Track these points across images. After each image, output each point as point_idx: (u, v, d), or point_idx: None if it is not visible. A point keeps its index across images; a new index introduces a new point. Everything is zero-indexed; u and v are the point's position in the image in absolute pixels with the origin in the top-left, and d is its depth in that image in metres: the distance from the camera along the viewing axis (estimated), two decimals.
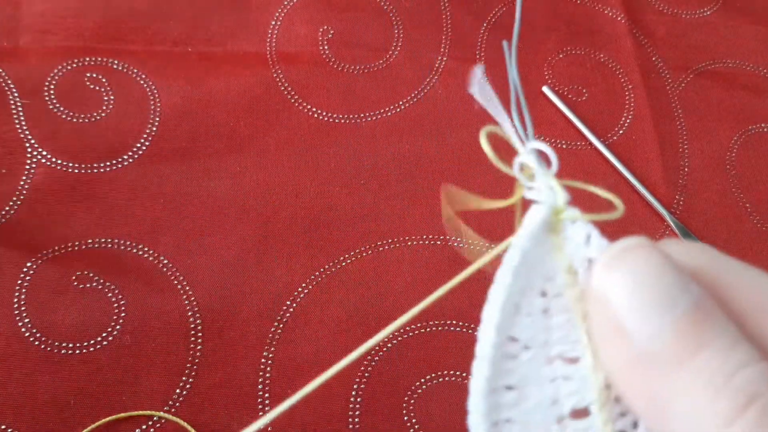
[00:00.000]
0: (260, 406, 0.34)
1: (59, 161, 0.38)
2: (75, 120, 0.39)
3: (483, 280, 0.21)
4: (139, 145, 0.39)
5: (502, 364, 0.19)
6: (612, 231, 0.36)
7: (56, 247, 0.36)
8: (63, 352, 0.34)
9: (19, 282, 0.35)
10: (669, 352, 0.17)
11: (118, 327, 0.35)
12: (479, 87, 0.22)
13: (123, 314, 0.35)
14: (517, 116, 0.22)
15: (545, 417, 0.19)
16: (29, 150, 0.38)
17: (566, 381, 0.20)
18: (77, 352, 0.34)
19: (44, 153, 0.38)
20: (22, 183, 0.37)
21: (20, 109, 0.39)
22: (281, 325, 0.36)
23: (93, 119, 0.39)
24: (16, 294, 0.35)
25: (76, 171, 0.38)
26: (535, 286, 0.21)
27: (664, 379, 0.17)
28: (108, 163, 0.39)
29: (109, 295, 0.35)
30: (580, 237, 0.21)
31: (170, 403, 0.34)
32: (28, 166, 0.38)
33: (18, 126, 0.38)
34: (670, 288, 0.18)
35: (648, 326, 0.18)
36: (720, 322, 0.18)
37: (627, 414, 0.19)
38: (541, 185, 0.21)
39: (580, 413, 0.20)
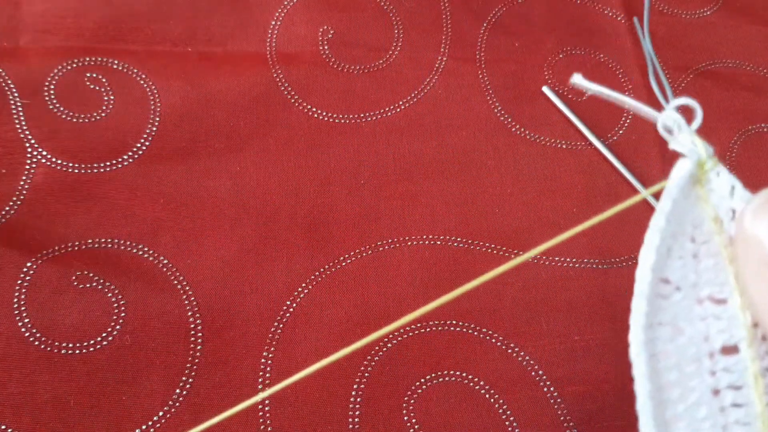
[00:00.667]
0: (260, 406, 0.34)
1: (59, 161, 0.38)
2: (75, 120, 0.39)
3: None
4: (139, 145, 0.39)
5: (656, 302, 0.21)
6: (615, 232, 0.36)
7: (56, 247, 0.36)
8: (63, 352, 0.34)
9: (19, 282, 0.35)
10: None
11: (118, 327, 0.35)
12: (589, 86, 0.25)
13: (123, 314, 0.35)
14: (655, 82, 0.23)
15: (698, 351, 0.21)
16: (29, 150, 0.38)
17: (716, 320, 0.21)
18: (77, 352, 0.34)
19: (44, 153, 0.38)
20: (22, 183, 0.37)
21: (20, 109, 0.39)
22: (281, 325, 0.36)
23: (93, 119, 0.39)
24: (16, 294, 0.35)
25: (76, 171, 0.38)
26: (686, 232, 0.22)
27: None
28: (108, 163, 0.39)
29: (109, 295, 0.35)
30: (724, 189, 0.23)
31: (170, 403, 0.34)
32: (28, 166, 0.38)
33: (18, 126, 0.38)
34: None
35: None
36: None
37: None
38: (685, 140, 0.23)
39: (730, 350, 0.21)
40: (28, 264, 0.35)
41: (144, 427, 0.33)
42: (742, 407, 0.21)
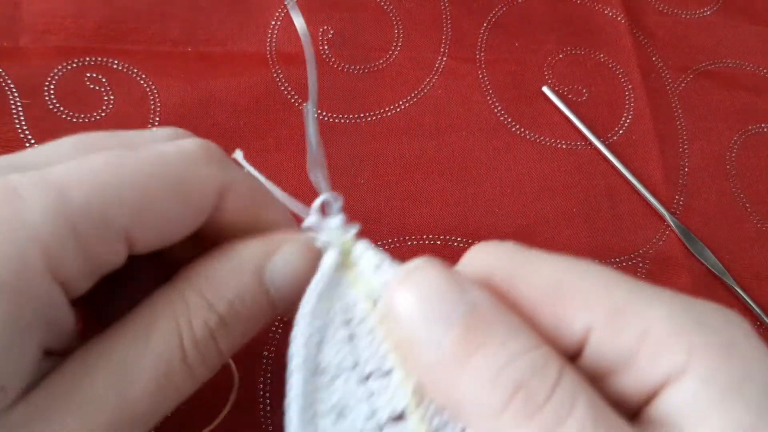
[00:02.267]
0: (261, 405, 0.34)
1: None
2: (75, 120, 0.39)
3: None
4: None
5: (315, 395, 0.22)
6: (614, 231, 0.36)
7: None
8: None
9: None
10: (451, 357, 0.19)
11: None
12: (248, 167, 0.26)
13: None
14: (314, 173, 0.25)
15: (364, 429, 0.22)
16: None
17: (383, 392, 0.22)
18: None
19: None
20: None
21: (20, 109, 0.39)
22: (281, 324, 0.36)
23: (93, 119, 0.39)
24: None
25: None
26: (335, 320, 0.23)
27: (453, 381, 0.19)
28: None
29: None
30: (371, 266, 0.24)
31: None
32: None
33: (18, 125, 0.38)
34: (447, 299, 0.20)
35: (432, 336, 0.20)
36: (498, 319, 0.20)
37: (443, 411, 0.22)
38: (324, 236, 0.25)
39: (398, 418, 0.22)
40: None
41: None
42: None
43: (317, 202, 0.25)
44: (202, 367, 0.23)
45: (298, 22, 0.26)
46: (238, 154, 0.26)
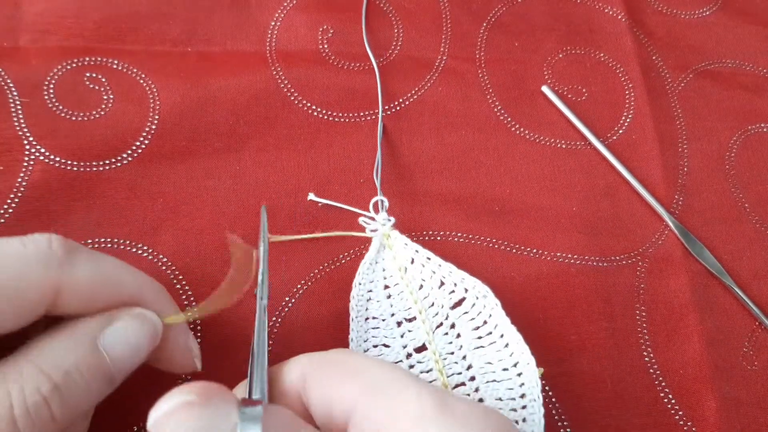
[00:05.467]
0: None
1: (58, 159, 0.38)
2: (74, 118, 0.39)
3: None
4: (138, 143, 0.39)
5: (367, 333, 0.35)
6: (614, 231, 0.35)
7: None
8: None
9: None
10: None
11: None
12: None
13: None
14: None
15: (398, 356, 0.34)
16: (27, 147, 0.38)
17: (410, 333, 0.35)
18: None
19: (43, 150, 0.38)
20: (19, 180, 0.37)
21: (19, 108, 0.39)
22: (279, 321, 0.36)
23: (92, 117, 0.39)
24: None
25: (75, 169, 0.38)
26: (378, 284, 0.36)
27: None
28: (107, 162, 0.39)
29: None
30: (401, 246, 0.37)
31: None
32: (26, 163, 0.37)
33: (17, 124, 0.38)
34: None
35: None
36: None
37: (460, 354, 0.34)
38: (376, 226, 0.38)
39: (420, 348, 0.34)
40: None
41: (142, 424, 0.33)
42: (431, 383, 0.30)
43: (373, 201, 0.39)
44: (33, 430, 0.24)
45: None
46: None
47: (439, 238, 0.39)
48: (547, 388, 0.36)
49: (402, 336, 0.34)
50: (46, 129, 0.39)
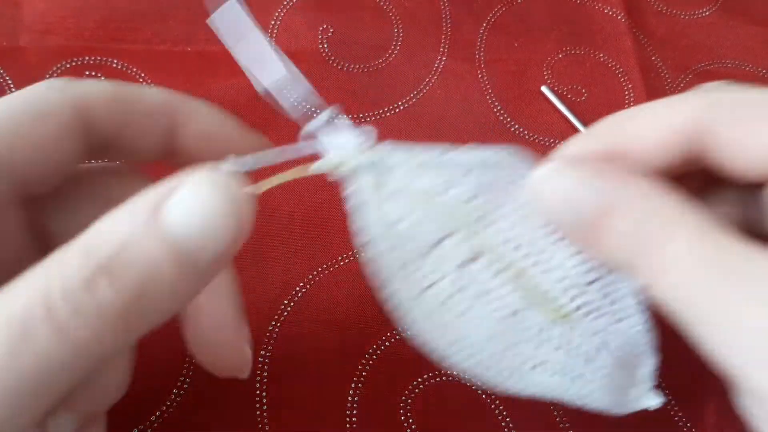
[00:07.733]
0: (257, 405, 0.34)
1: None
2: None
3: None
4: None
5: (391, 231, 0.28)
6: None
7: None
8: None
9: None
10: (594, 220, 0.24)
11: None
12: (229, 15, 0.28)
13: None
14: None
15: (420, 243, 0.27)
16: None
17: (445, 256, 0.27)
18: None
19: None
20: None
21: None
22: (278, 324, 0.36)
23: None
24: None
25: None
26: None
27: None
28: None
29: None
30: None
31: (168, 402, 0.34)
32: None
33: None
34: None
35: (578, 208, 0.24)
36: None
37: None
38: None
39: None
40: None
41: (141, 426, 0.33)
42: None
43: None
44: (77, 320, 0.19)
45: None
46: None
47: None
48: None
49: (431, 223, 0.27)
50: None
